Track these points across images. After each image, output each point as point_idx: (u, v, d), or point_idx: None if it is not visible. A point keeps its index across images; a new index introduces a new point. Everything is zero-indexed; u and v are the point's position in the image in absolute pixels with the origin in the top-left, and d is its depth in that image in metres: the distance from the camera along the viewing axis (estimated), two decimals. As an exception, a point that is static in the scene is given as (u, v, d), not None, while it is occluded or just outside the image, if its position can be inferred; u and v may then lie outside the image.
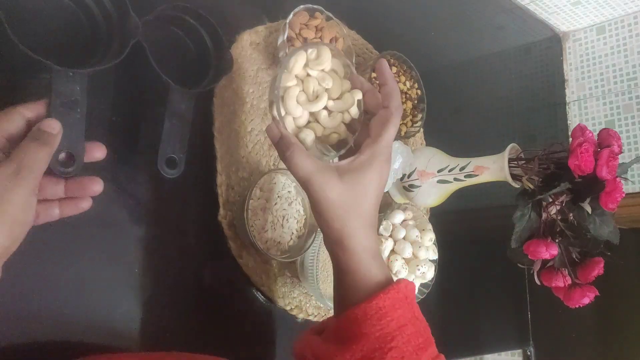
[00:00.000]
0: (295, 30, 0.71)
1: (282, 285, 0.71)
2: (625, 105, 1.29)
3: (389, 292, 0.47)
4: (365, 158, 0.50)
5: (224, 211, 0.65)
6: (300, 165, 0.48)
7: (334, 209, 0.48)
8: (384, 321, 0.46)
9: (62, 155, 0.47)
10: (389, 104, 0.51)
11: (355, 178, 0.49)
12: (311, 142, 0.54)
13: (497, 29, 1.28)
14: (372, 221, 0.50)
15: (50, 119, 0.45)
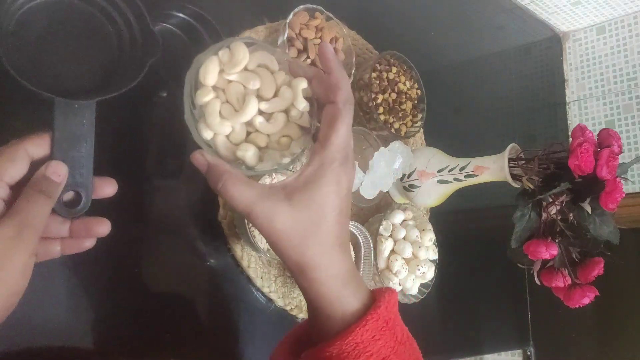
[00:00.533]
0: (295, 31, 0.71)
1: (282, 285, 0.71)
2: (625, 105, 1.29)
3: (367, 323, 0.41)
4: (314, 169, 0.42)
5: (224, 211, 0.65)
6: (237, 196, 0.40)
7: (287, 240, 0.41)
8: (363, 358, 0.41)
9: (68, 194, 0.42)
10: (335, 97, 0.42)
11: (307, 196, 0.41)
12: (253, 157, 0.44)
13: (497, 29, 1.28)
14: (337, 241, 0.42)
15: (56, 163, 0.41)
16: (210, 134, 0.43)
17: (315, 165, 0.42)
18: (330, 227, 0.42)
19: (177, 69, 0.61)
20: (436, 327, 0.95)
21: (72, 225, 0.44)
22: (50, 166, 0.40)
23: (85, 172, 0.43)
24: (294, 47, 0.71)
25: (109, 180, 0.45)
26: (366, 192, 0.77)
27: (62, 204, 0.42)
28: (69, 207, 0.42)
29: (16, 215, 0.38)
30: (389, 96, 0.82)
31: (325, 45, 0.45)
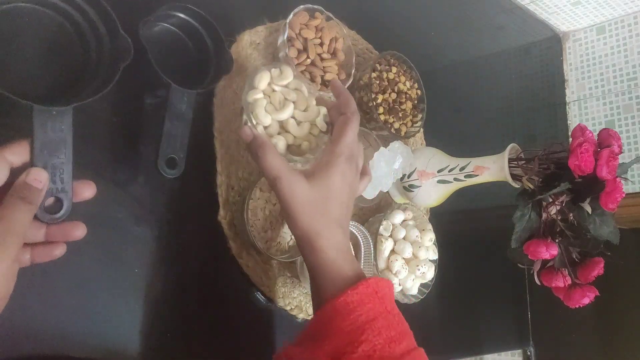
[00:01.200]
0: (295, 31, 0.71)
1: (282, 285, 0.71)
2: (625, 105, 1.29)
3: (358, 287, 0.48)
4: (326, 159, 0.54)
5: (224, 211, 0.65)
6: (272, 163, 0.52)
7: (301, 208, 0.51)
8: (353, 316, 0.47)
9: (49, 200, 0.43)
10: (345, 110, 0.56)
11: (319, 179, 0.53)
12: (283, 147, 0.60)
13: (497, 29, 1.28)
14: (339, 220, 0.53)
15: (37, 170, 0.41)
16: (254, 121, 0.58)
17: (327, 157, 0.54)
18: (334, 207, 0.53)
19: (178, 68, 0.61)
20: (436, 327, 0.95)
21: (48, 230, 0.44)
22: (30, 173, 0.41)
23: (65, 177, 0.43)
24: (294, 47, 0.70)
25: (88, 183, 0.46)
26: (366, 192, 0.77)
27: (44, 209, 0.42)
28: (51, 213, 0.43)
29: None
30: (389, 96, 0.82)
31: (334, 80, 0.61)
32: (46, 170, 0.42)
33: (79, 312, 0.53)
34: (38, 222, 0.43)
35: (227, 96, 0.68)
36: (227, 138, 0.67)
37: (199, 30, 0.62)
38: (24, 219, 0.40)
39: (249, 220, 0.64)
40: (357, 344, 0.46)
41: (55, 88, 0.45)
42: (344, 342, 0.47)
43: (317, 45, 0.73)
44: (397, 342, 0.48)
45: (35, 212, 0.41)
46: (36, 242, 0.44)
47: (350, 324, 0.47)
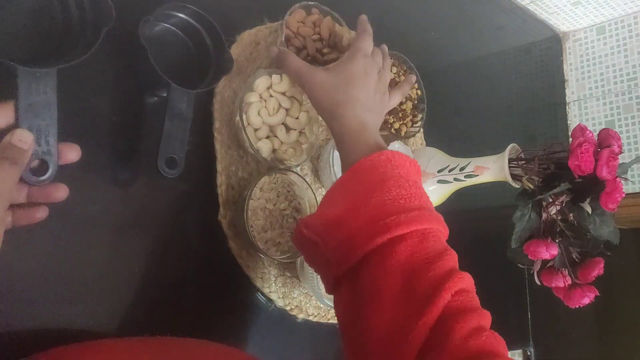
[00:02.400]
0: (293, 30, 0.71)
1: (282, 285, 0.71)
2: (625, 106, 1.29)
3: (371, 155, 0.52)
4: (345, 57, 0.63)
5: (224, 211, 0.65)
6: (294, 63, 0.62)
7: (322, 88, 0.59)
8: (366, 178, 0.51)
9: (34, 162, 0.43)
10: (360, 30, 0.67)
11: (340, 65, 0.61)
12: (268, 151, 0.66)
13: (497, 29, 1.28)
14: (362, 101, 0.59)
15: (22, 131, 0.41)
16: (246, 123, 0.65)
17: (347, 55, 0.63)
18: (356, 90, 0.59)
19: (178, 68, 0.61)
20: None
21: (30, 191, 0.44)
22: (15, 134, 0.41)
23: (50, 139, 0.44)
24: (293, 45, 0.71)
25: (72, 146, 0.46)
26: (366, 192, 0.77)
27: (30, 171, 0.42)
28: (37, 175, 0.43)
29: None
30: (389, 96, 0.82)
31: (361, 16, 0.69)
32: (31, 132, 0.42)
33: (77, 312, 0.53)
34: (20, 184, 0.43)
35: (227, 96, 0.68)
36: (227, 138, 0.67)
37: (199, 30, 0.62)
38: (9, 180, 0.40)
39: (249, 220, 0.64)
40: (368, 199, 0.49)
41: (39, 52, 0.45)
42: (355, 199, 0.50)
43: (316, 40, 0.73)
44: (407, 199, 0.50)
45: (21, 174, 0.41)
46: (18, 204, 0.44)
47: (359, 185, 0.51)
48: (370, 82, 0.61)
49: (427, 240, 0.49)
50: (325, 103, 0.59)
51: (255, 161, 0.70)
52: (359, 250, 0.48)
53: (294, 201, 0.71)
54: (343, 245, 0.49)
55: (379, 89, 0.63)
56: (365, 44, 0.64)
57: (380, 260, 0.48)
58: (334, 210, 0.51)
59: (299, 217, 0.71)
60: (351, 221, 0.49)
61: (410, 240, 0.48)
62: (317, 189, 0.77)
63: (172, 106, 0.56)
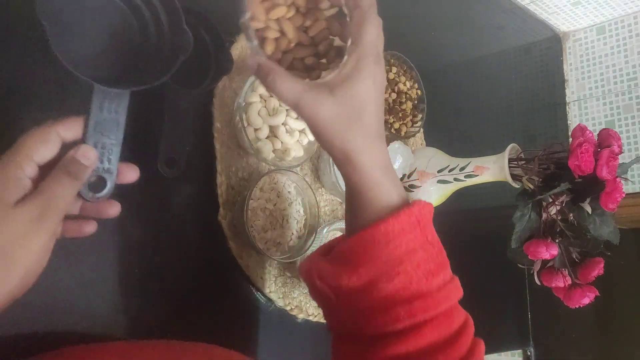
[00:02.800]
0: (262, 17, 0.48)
1: (282, 285, 0.71)
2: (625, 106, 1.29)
3: (400, 215, 0.44)
4: (351, 65, 0.44)
5: (224, 211, 0.65)
6: (285, 88, 0.43)
7: (332, 127, 0.44)
8: (392, 246, 0.44)
9: (93, 178, 0.43)
10: (360, 3, 0.46)
11: (348, 88, 0.44)
12: (268, 151, 0.64)
13: (497, 29, 1.28)
14: (377, 132, 0.46)
15: (87, 147, 0.42)
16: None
17: (352, 62, 0.44)
18: (371, 119, 0.45)
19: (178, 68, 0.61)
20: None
21: (83, 204, 0.44)
22: (80, 149, 0.42)
23: (113, 158, 0.44)
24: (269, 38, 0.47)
25: (132, 167, 0.46)
26: (366, 192, 0.77)
27: (87, 186, 0.43)
28: (94, 191, 0.43)
29: (41, 196, 0.38)
30: (389, 96, 0.82)
31: None
32: (96, 149, 0.43)
33: (77, 312, 0.53)
34: (76, 197, 0.43)
35: (227, 96, 0.68)
36: (227, 138, 0.67)
37: (199, 31, 0.62)
38: (67, 194, 0.40)
39: (249, 221, 0.64)
40: (394, 275, 0.44)
41: (114, 72, 0.46)
42: (379, 271, 0.44)
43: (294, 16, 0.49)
44: (434, 275, 0.46)
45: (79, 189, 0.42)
46: (69, 215, 0.44)
47: (389, 253, 0.44)
48: (380, 99, 0.47)
49: (452, 316, 0.47)
50: (337, 144, 0.45)
51: (255, 161, 0.70)
52: (375, 329, 0.45)
53: (294, 201, 0.71)
54: (357, 316, 0.46)
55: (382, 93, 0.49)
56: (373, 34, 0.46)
57: (400, 345, 0.44)
58: (351, 275, 0.45)
59: (299, 217, 0.71)
60: (371, 295, 0.45)
61: (436, 322, 0.45)
62: (317, 189, 0.77)
63: (171, 106, 0.56)
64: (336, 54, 0.48)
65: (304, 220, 0.71)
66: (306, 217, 0.72)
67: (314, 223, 0.71)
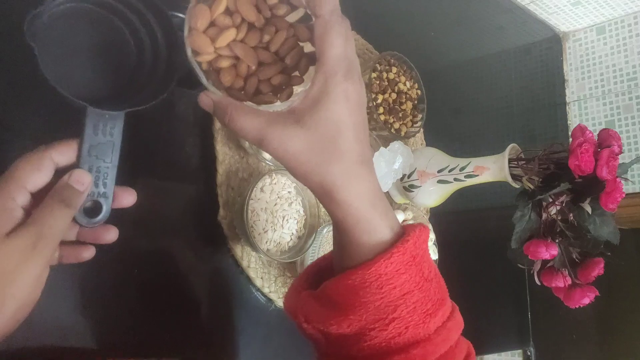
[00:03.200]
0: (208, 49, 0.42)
1: (282, 285, 0.71)
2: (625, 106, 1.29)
3: (392, 255, 0.39)
4: (318, 87, 0.39)
5: (224, 211, 0.65)
6: (246, 125, 0.39)
7: (305, 163, 0.39)
8: (385, 289, 0.40)
9: (88, 203, 0.42)
10: (320, 10, 0.40)
11: (317, 116, 0.38)
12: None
13: (497, 29, 1.28)
14: (358, 159, 0.40)
15: (81, 172, 0.40)
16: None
17: (319, 83, 0.39)
18: (349, 145, 0.39)
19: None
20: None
21: (80, 230, 0.43)
22: (74, 174, 0.40)
23: (108, 182, 0.42)
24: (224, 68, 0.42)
25: (129, 190, 0.44)
26: (366, 192, 0.77)
27: (82, 212, 0.41)
28: (89, 217, 0.42)
29: (34, 225, 0.37)
30: (389, 96, 0.82)
31: None
32: (90, 173, 0.41)
33: (76, 312, 0.53)
34: (72, 223, 0.41)
35: (227, 96, 0.68)
36: (227, 138, 0.67)
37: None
38: (60, 223, 0.38)
39: (249, 221, 0.64)
40: (388, 322, 0.40)
41: (108, 93, 0.44)
42: (372, 318, 0.40)
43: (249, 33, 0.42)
44: (432, 316, 0.41)
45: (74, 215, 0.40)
46: (66, 241, 0.43)
47: (382, 298, 0.40)
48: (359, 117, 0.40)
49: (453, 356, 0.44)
50: (314, 179, 0.40)
51: (256, 161, 0.70)
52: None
53: (294, 202, 0.71)
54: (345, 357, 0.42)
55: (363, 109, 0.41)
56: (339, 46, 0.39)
57: None
58: (341, 320, 0.41)
59: (299, 217, 0.71)
60: (363, 341, 0.41)
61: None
62: (317, 189, 0.77)
63: (171, 106, 0.55)
64: (309, 62, 0.42)
65: (304, 220, 0.71)
66: (306, 217, 0.72)
67: (314, 223, 0.71)
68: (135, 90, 0.45)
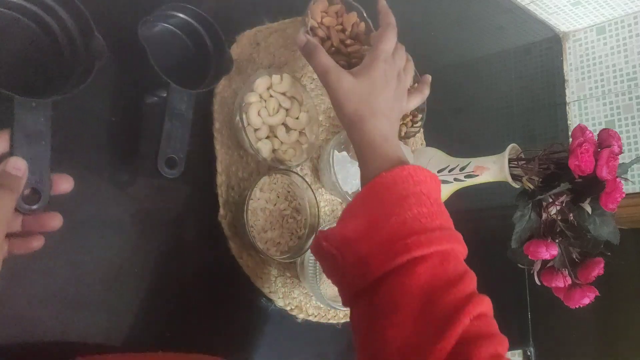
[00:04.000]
0: (317, 19, 0.68)
1: (282, 285, 0.71)
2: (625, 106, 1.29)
3: (392, 170, 0.51)
4: (367, 59, 0.60)
5: (224, 211, 0.65)
6: (323, 61, 0.59)
7: (348, 96, 0.57)
8: (386, 194, 0.50)
9: (26, 191, 0.44)
10: (382, 23, 0.63)
11: (363, 75, 0.58)
12: (268, 151, 0.66)
13: (497, 29, 1.27)
14: (384, 111, 0.57)
15: (16, 159, 0.42)
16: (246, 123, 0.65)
17: (368, 59, 0.60)
18: (378, 100, 0.58)
19: (177, 68, 0.61)
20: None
21: (24, 220, 0.45)
22: (10, 162, 0.42)
23: (44, 169, 0.44)
24: (317, 35, 0.68)
25: (65, 177, 0.47)
26: (366, 192, 0.77)
27: (22, 199, 0.43)
28: (29, 204, 0.44)
29: None
30: (389, 96, 0.82)
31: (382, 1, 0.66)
32: (25, 160, 0.43)
33: (77, 312, 0.53)
34: (15, 212, 0.43)
35: (227, 96, 0.68)
36: (227, 138, 0.67)
37: (198, 30, 0.62)
38: (6, 207, 0.40)
39: (249, 221, 0.64)
40: (388, 216, 0.49)
41: (35, 83, 0.47)
42: (375, 214, 0.50)
43: (340, 31, 0.70)
44: (428, 218, 0.49)
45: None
46: (13, 233, 0.44)
47: (381, 199, 0.50)
48: (389, 90, 0.59)
49: (447, 261, 0.49)
50: (348, 112, 0.57)
51: (255, 161, 0.70)
52: (378, 269, 0.48)
53: (294, 201, 0.71)
54: (361, 262, 0.49)
55: (397, 96, 0.61)
56: (387, 44, 0.61)
57: (400, 280, 0.47)
58: (353, 225, 0.50)
59: (299, 217, 0.71)
60: (370, 238, 0.49)
61: (430, 261, 0.48)
62: (317, 189, 0.77)
63: (171, 106, 0.56)
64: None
65: (304, 220, 0.71)
66: (306, 217, 0.72)
67: (314, 223, 0.71)
68: (59, 80, 0.48)
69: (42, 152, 0.44)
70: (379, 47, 0.60)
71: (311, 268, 0.69)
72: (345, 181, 0.75)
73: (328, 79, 0.58)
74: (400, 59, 0.63)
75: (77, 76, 0.48)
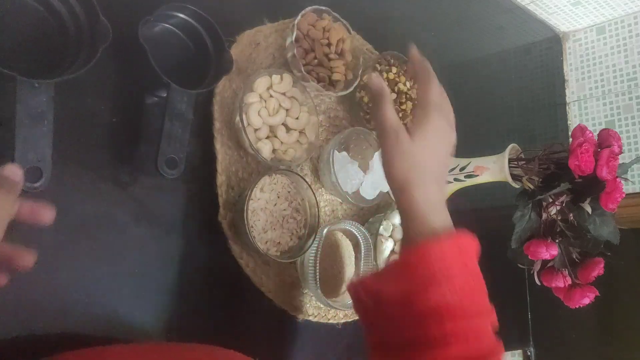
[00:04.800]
0: (303, 31, 0.71)
1: (282, 285, 0.71)
2: (625, 106, 1.29)
3: (439, 240, 0.51)
4: (420, 116, 0.57)
5: (224, 211, 0.65)
6: (388, 115, 0.56)
7: (400, 158, 0.55)
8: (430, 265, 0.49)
9: (29, 169, 0.45)
10: (422, 73, 0.61)
11: (418, 135, 0.55)
12: (268, 151, 0.66)
13: (497, 29, 1.27)
14: (434, 175, 0.55)
15: (12, 166, 0.43)
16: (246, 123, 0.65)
17: (421, 114, 0.57)
18: (429, 163, 0.55)
19: (178, 68, 0.61)
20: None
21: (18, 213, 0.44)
22: (7, 169, 0.43)
23: (45, 148, 0.46)
24: (301, 47, 0.71)
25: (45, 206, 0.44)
26: (366, 192, 0.77)
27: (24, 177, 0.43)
28: (31, 182, 0.45)
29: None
30: (389, 96, 0.82)
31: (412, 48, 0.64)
32: (28, 140, 0.44)
33: (77, 312, 0.53)
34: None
35: (227, 96, 0.68)
36: (227, 138, 0.67)
37: (199, 31, 0.62)
38: (6, 206, 0.41)
39: (249, 221, 0.64)
40: (429, 293, 0.49)
41: (39, 65, 0.48)
42: (414, 284, 0.50)
43: (325, 45, 0.73)
44: (470, 301, 0.50)
45: None
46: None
47: (423, 269, 0.49)
48: (443, 147, 0.58)
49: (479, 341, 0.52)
50: (398, 176, 0.55)
51: (255, 161, 0.70)
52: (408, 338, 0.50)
53: (294, 202, 0.71)
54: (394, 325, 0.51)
55: (448, 147, 0.59)
56: (434, 95, 0.58)
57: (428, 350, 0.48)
58: (390, 284, 0.51)
59: (299, 217, 0.71)
60: (408, 306, 0.49)
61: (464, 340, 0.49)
62: (317, 189, 0.77)
63: (171, 106, 0.56)
64: None
65: (304, 220, 0.71)
66: (306, 217, 0.72)
67: (314, 223, 0.71)
68: (68, 63, 0.49)
69: (44, 132, 0.45)
70: (427, 99, 0.58)
71: (311, 268, 0.69)
72: (345, 181, 0.75)
73: (386, 136, 0.55)
74: (447, 103, 0.61)
75: (81, 58, 0.49)
